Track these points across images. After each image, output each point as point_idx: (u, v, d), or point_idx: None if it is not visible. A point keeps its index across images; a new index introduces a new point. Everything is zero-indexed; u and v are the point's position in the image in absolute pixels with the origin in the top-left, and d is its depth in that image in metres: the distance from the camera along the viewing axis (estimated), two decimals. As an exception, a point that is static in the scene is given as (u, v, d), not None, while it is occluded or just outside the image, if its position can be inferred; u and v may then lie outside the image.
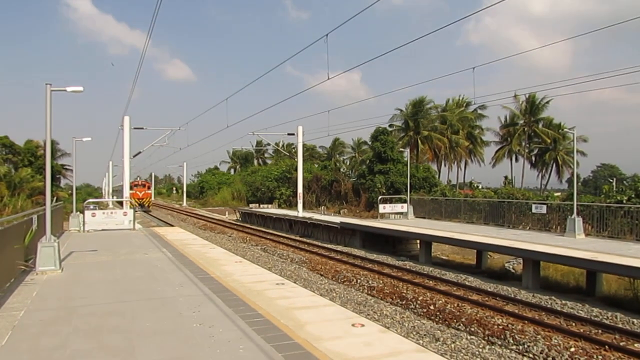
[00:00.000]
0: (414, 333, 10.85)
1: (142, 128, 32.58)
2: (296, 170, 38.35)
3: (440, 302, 13.18)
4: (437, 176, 48.94)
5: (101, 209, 29.23)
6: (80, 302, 7.93)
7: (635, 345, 9.83)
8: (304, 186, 37.19)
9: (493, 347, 9.93)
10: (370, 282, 15.98)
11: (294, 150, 60.20)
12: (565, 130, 49.23)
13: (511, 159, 59.16)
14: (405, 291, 14.58)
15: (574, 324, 11.22)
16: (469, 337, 10.47)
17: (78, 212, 23.69)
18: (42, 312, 7.33)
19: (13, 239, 10.17)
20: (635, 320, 11.45)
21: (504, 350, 9.73)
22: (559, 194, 45.77)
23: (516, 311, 12.21)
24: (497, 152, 59.11)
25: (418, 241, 22.41)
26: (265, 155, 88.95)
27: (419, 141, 50.75)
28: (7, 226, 10.12)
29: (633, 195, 22.33)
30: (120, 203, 35.85)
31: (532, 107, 54.17)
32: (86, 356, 5.38)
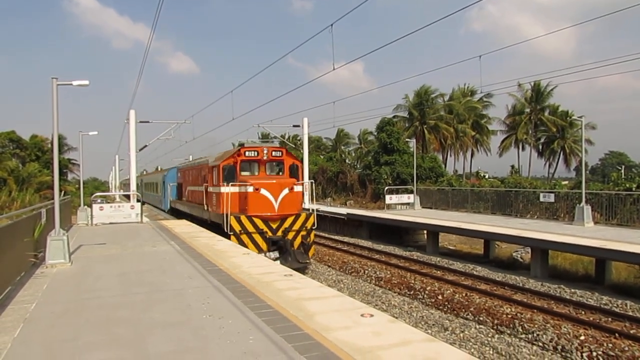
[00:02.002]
0: (423, 323, 10.87)
1: (147, 122, 32.58)
2: (302, 161, 38.31)
3: (449, 292, 13.17)
4: (443, 166, 48.71)
5: (108, 202, 29.36)
6: (90, 295, 7.98)
7: (646, 333, 9.79)
8: (309, 178, 37.17)
9: (502, 336, 9.94)
10: (377, 272, 16.00)
11: (299, 142, 60.14)
12: (573, 118, 48.87)
13: (518, 148, 58.79)
14: (413, 281, 14.58)
15: (583, 312, 11.20)
16: (477, 327, 10.48)
17: (85, 206, 23.84)
18: (53, 305, 7.38)
19: (23, 233, 10.23)
20: (645, 308, 11.39)
21: (513, 339, 9.73)
22: (566, 182, 45.52)
23: (525, 300, 12.20)
24: (503, 141, 58.71)
25: (425, 231, 22.38)
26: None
27: (425, 131, 50.49)
28: (16, 220, 10.19)
29: (642, 183, 22.12)
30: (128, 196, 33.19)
31: (538, 95, 53.68)
32: (98, 348, 5.42)
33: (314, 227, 16.48)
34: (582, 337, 9.46)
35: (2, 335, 5.95)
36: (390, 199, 28.77)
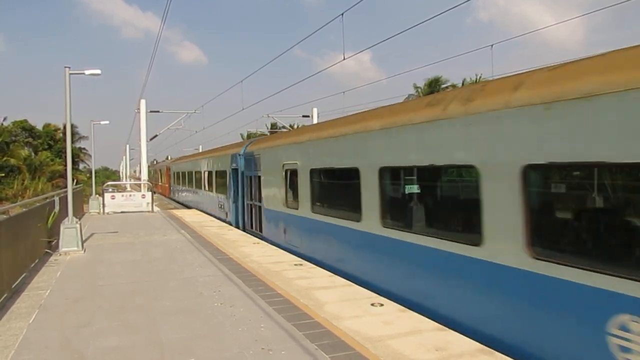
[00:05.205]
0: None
1: (158, 111, 32.80)
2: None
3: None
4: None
5: (119, 191, 29.66)
6: (103, 282, 8.09)
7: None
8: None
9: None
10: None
11: (308, 132, 59.76)
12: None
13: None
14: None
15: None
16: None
17: (97, 195, 24.11)
18: (66, 292, 7.49)
19: (37, 221, 10.37)
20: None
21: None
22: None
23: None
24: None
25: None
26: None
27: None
28: (30, 208, 10.33)
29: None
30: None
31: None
32: (111, 334, 5.50)
33: None
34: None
35: (18, 321, 6.06)
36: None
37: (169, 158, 50.68)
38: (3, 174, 39.68)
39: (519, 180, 4.86)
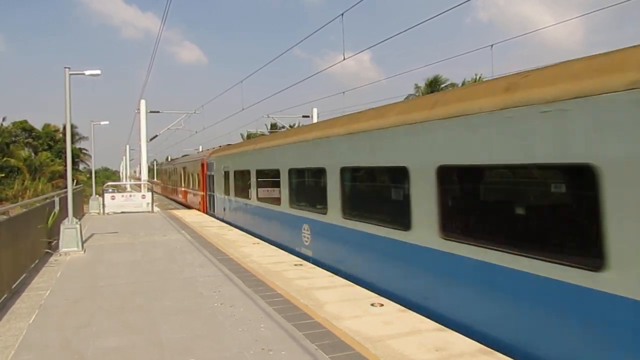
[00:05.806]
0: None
1: (157, 112, 32.77)
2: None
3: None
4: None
5: (119, 192, 29.67)
6: (103, 282, 8.09)
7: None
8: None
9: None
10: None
11: (308, 133, 59.57)
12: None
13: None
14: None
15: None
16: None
17: (97, 195, 24.13)
18: (67, 292, 7.50)
19: (37, 221, 10.38)
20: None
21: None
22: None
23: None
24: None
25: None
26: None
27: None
28: (31, 208, 10.33)
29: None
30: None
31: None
32: (111, 334, 5.50)
33: None
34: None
35: (18, 322, 6.06)
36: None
37: (169, 159, 50.20)
38: (3, 175, 39.72)
39: None
